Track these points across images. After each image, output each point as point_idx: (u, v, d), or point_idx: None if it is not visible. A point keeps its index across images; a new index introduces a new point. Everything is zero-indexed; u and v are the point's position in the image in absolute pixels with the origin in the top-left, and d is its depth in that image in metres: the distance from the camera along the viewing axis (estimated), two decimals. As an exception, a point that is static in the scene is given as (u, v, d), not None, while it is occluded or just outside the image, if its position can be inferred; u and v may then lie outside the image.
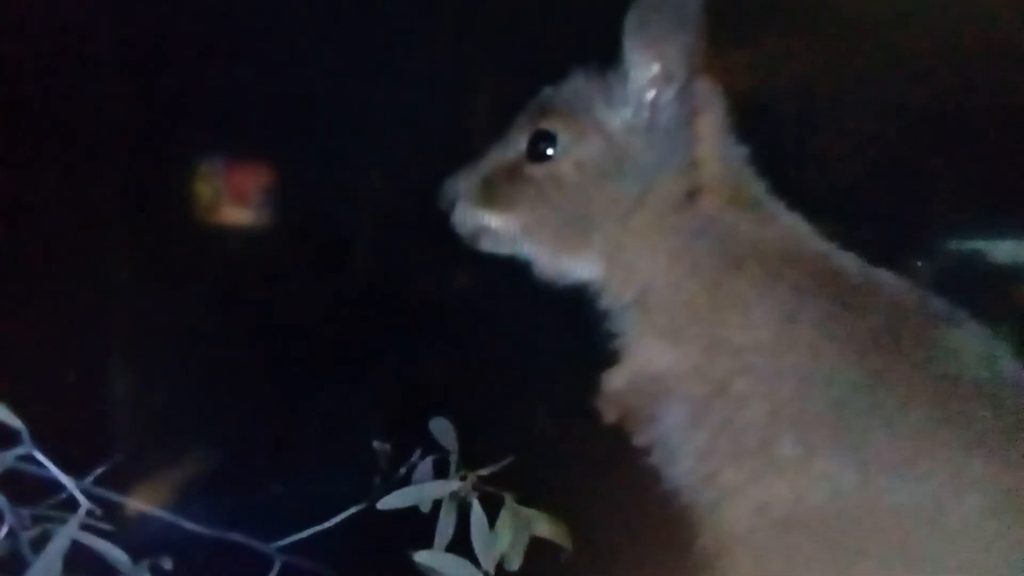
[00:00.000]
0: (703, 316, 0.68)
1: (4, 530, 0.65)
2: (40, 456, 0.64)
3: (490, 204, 0.73)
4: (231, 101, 0.92)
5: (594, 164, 0.71)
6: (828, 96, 0.89)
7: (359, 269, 0.96)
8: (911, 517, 0.61)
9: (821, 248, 0.69)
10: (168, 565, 0.70)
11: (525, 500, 0.70)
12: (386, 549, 0.70)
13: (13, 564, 0.65)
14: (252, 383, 0.91)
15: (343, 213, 0.95)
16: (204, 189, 0.97)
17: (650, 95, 0.70)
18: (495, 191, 0.73)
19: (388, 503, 0.69)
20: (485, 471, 0.70)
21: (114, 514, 0.68)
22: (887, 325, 0.65)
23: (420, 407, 0.74)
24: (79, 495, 0.65)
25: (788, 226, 0.70)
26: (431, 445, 0.72)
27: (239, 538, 0.72)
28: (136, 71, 0.92)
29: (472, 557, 0.68)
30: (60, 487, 0.65)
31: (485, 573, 0.68)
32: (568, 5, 0.86)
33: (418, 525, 0.70)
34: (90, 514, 0.65)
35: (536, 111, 0.73)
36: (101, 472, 0.69)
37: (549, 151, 0.72)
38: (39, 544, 0.64)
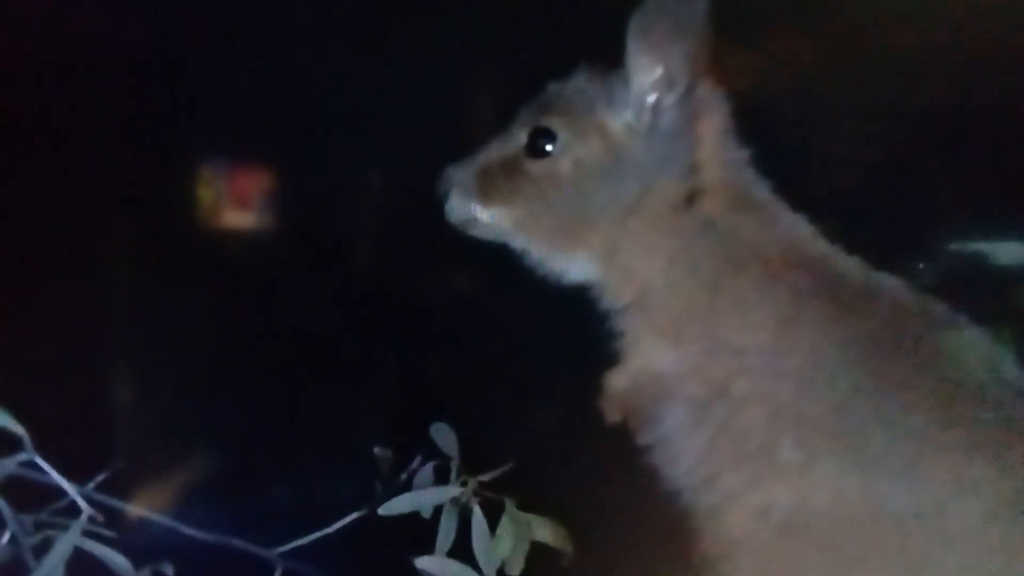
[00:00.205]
0: (703, 317, 0.68)
1: (6, 536, 0.66)
2: (42, 462, 0.64)
3: (486, 197, 0.73)
4: (232, 104, 0.92)
5: (592, 164, 0.71)
6: (829, 98, 0.89)
7: (360, 274, 0.96)
8: (912, 521, 0.61)
9: (823, 250, 0.69)
10: (170, 571, 0.70)
11: (526, 505, 0.70)
12: (387, 555, 0.70)
13: (15, 570, 0.65)
14: (253, 388, 0.90)
15: (344, 217, 0.95)
16: (206, 193, 0.97)
17: (652, 98, 0.69)
18: (492, 184, 0.73)
19: (389, 509, 0.69)
20: (486, 476, 0.70)
21: (116, 520, 0.68)
22: (888, 328, 0.65)
23: (421, 412, 0.74)
24: (81, 501, 0.65)
25: (790, 228, 0.70)
26: (432, 451, 0.72)
27: (240, 544, 0.73)
28: (137, 74, 0.92)
29: (473, 563, 0.68)
30: (62, 493, 0.66)
31: (486, 578, 0.68)
32: (570, 6, 0.86)
33: (419, 531, 0.70)
34: (92, 520, 0.65)
35: (538, 107, 0.73)
36: (103, 478, 0.69)
37: (548, 148, 0.71)
38: (41, 550, 0.65)
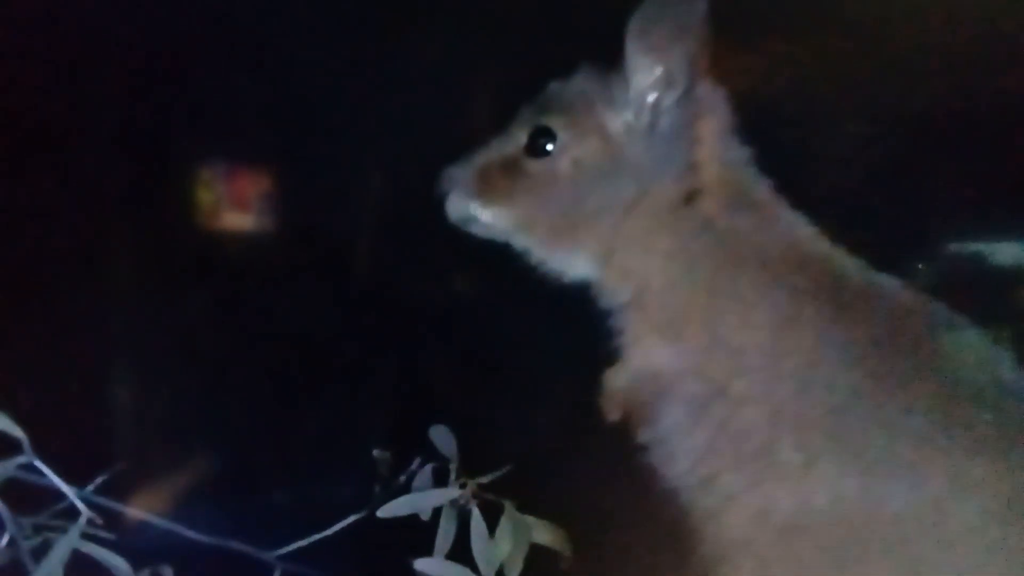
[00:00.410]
0: (701, 316, 0.68)
1: (5, 539, 0.66)
2: (41, 465, 0.65)
3: (485, 196, 0.73)
4: (232, 106, 0.92)
5: (592, 164, 0.71)
6: (829, 98, 0.89)
7: (359, 276, 0.96)
8: (912, 523, 0.61)
9: (823, 251, 0.69)
10: (169, 573, 0.70)
11: (525, 508, 0.69)
12: (386, 557, 0.70)
13: (14, 573, 0.65)
14: (252, 391, 0.90)
15: (343, 220, 0.95)
16: (205, 195, 0.97)
17: (651, 98, 0.69)
18: (491, 183, 0.73)
19: (388, 511, 0.69)
20: (485, 479, 0.70)
21: (115, 523, 0.68)
22: (887, 330, 0.65)
23: (420, 414, 0.74)
24: (80, 504, 0.65)
25: (790, 228, 0.70)
26: (431, 453, 0.72)
27: (239, 546, 0.73)
28: (136, 76, 0.92)
29: (472, 565, 0.68)
30: (61, 496, 0.66)
31: (485, 581, 0.68)
32: (570, 6, 0.86)
33: (418, 533, 0.70)
34: (91, 523, 0.65)
35: (538, 107, 0.73)
36: (102, 481, 0.69)
37: (548, 147, 0.72)
38: (40, 553, 0.65)
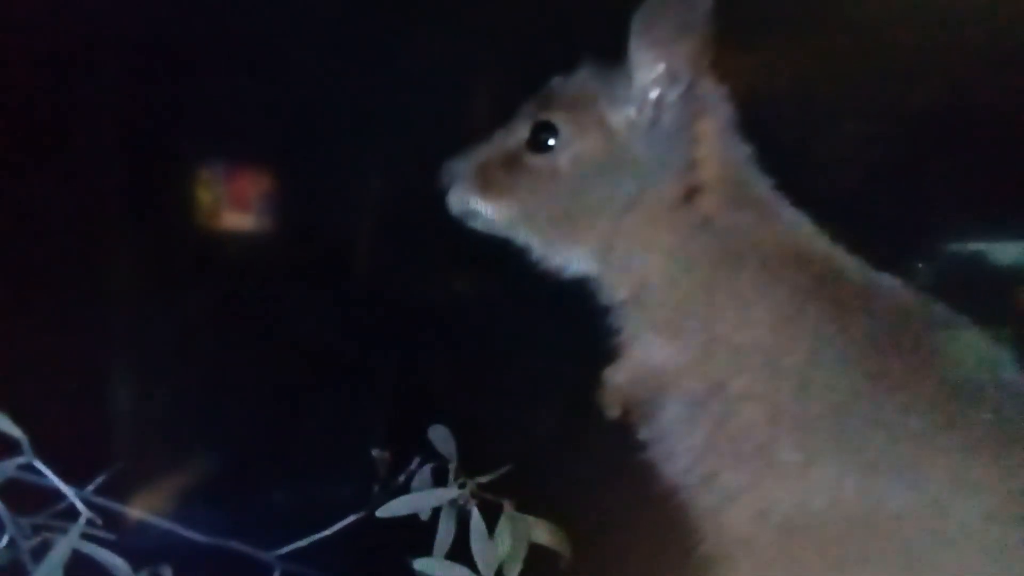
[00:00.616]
0: (700, 313, 0.67)
1: (5, 539, 0.66)
2: (41, 466, 0.65)
3: (486, 190, 0.73)
4: (232, 106, 0.93)
5: (593, 159, 0.71)
6: (829, 98, 0.89)
7: (358, 276, 0.96)
8: (912, 522, 0.61)
9: (823, 249, 0.68)
10: (168, 574, 0.70)
11: (524, 507, 0.70)
12: (385, 557, 0.70)
13: (14, 573, 0.66)
14: (251, 391, 0.91)
15: (342, 221, 0.95)
16: (204, 195, 0.97)
17: (654, 95, 0.69)
18: (493, 177, 0.73)
19: (387, 511, 0.70)
20: (484, 478, 0.70)
21: (114, 523, 0.68)
22: (887, 329, 0.65)
23: (419, 415, 0.74)
24: (79, 504, 0.65)
25: (790, 226, 0.69)
26: (430, 453, 0.72)
27: (239, 546, 0.73)
28: (136, 77, 0.92)
29: (471, 565, 0.68)
30: (61, 496, 0.66)
31: (484, 581, 0.68)
32: (575, 2, 0.86)
33: (417, 533, 0.70)
34: (90, 523, 0.65)
35: (541, 102, 0.73)
36: (101, 481, 0.70)
37: (550, 142, 0.71)
38: (40, 553, 0.65)
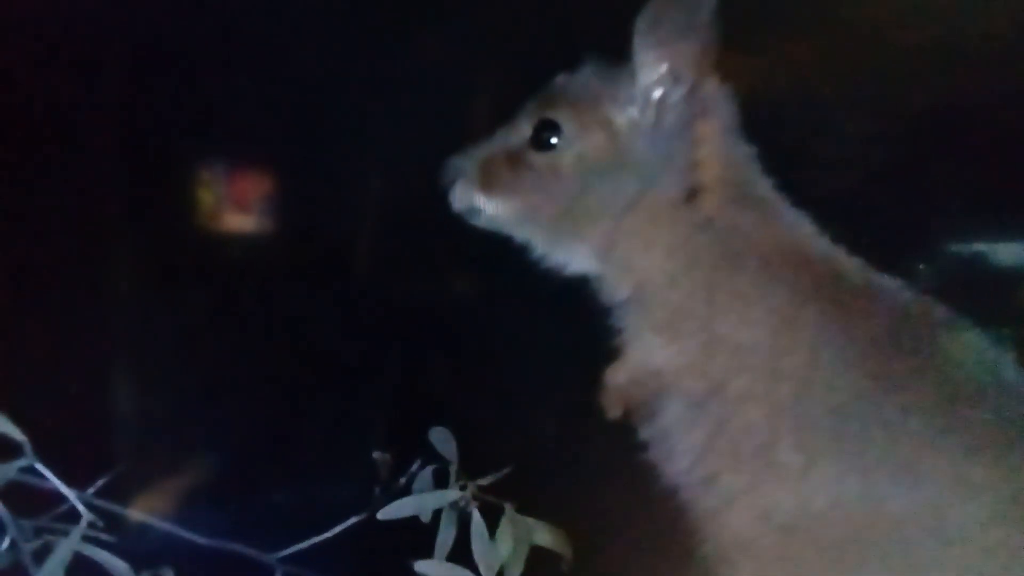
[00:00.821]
0: (700, 313, 0.67)
1: (6, 542, 0.66)
2: (42, 468, 0.65)
3: (488, 187, 0.73)
4: (233, 107, 0.93)
5: (595, 158, 0.70)
6: (830, 99, 0.89)
7: (359, 278, 0.96)
8: (913, 524, 0.61)
9: (824, 250, 0.68)
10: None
11: (525, 509, 0.70)
12: (386, 559, 0.70)
13: (15, 576, 0.66)
14: (252, 393, 0.91)
15: (343, 222, 0.95)
16: (206, 196, 0.97)
17: (657, 94, 0.69)
18: (495, 175, 0.73)
19: (388, 513, 0.70)
20: (485, 480, 0.70)
21: (116, 525, 0.68)
22: (888, 330, 0.65)
23: (420, 417, 0.74)
24: (81, 507, 0.65)
25: (791, 227, 0.69)
26: (431, 455, 0.72)
27: (240, 548, 0.73)
28: (137, 78, 0.92)
29: (473, 567, 0.68)
30: (62, 499, 0.66)
31: (485, 583, 0.68)
32: (576, 6, 0.86)
33: (418, 535, 0.70)
34: (92, 525, 0.65)
35: (544, 100, 0.73)
36: (103, 484, 0.70)
37: (553, 140, 0.71)
38: (41, 556, 0.65)
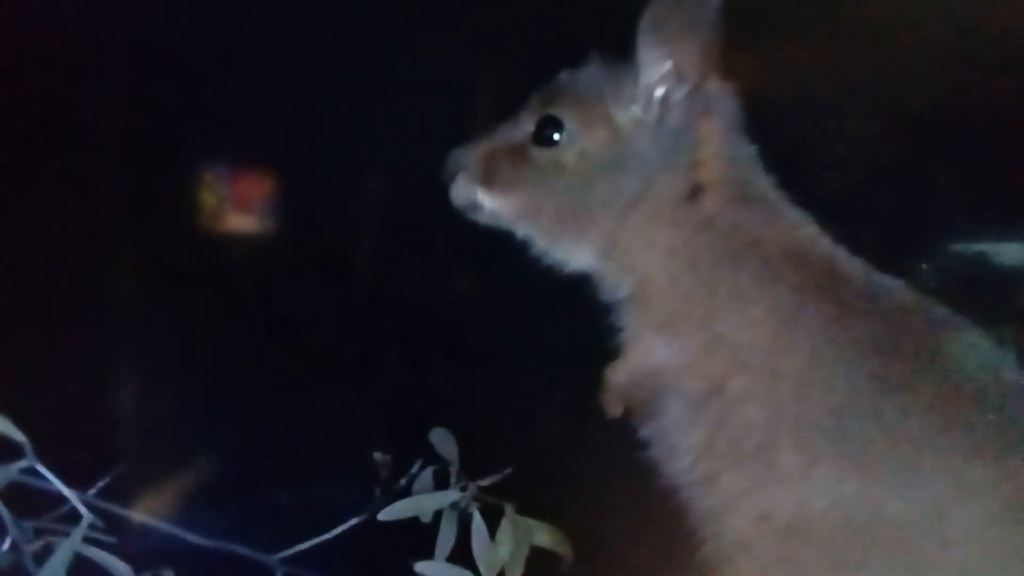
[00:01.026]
0: (701, 311, 0.67)
1: (7, 543, 0.66)
2: (43, 469, 0.65)
3: (490, 182, 0.73)
4: (235, 108, 0.93)
5: (598, 155, 0.70)
6: (831, 99, 0.88)
7: (359, 279, 0.96)
8: (913, 525, 0.61)
9: (825, 250, 0.68)
10: (170, 577, 0.70)
11: (525, 510, 0.70)
12: (387, 560, 0.70)
13: (16, 577, 0.66)
14: (253, 394, 0.91)
15: (344, 223, 0.95)
16: (208, 197, 0.97)
17: (660, 92, 0.69)
18: (497, 170, 0.73)
19: (389, 514, 0.70)
20: (485, 481, 0.70)
21: (117, 526, 0.68)
22: (888, 330, 0.65)
23: (420, 418, 0.74)
24: (82, 508, 0.65)
25: (792, 226, 0.69)
26: (431, 456, 0.72)
27: (241, 550, 0.73)
28: (139, 79, 0.92)
29: (473, 567, 0.68)
30: (63, 500, 0.66)
31: (486, 583, 0.68)
32: (578, 5, 0.86)
33: (419, 536, 0.70)
34: (93, 527, 0.65)
35: (547, 96, 0.73)
36: (103, 485, 0.70)
37: (555, 137, 0.71)
38: (42, 557, 0.65)
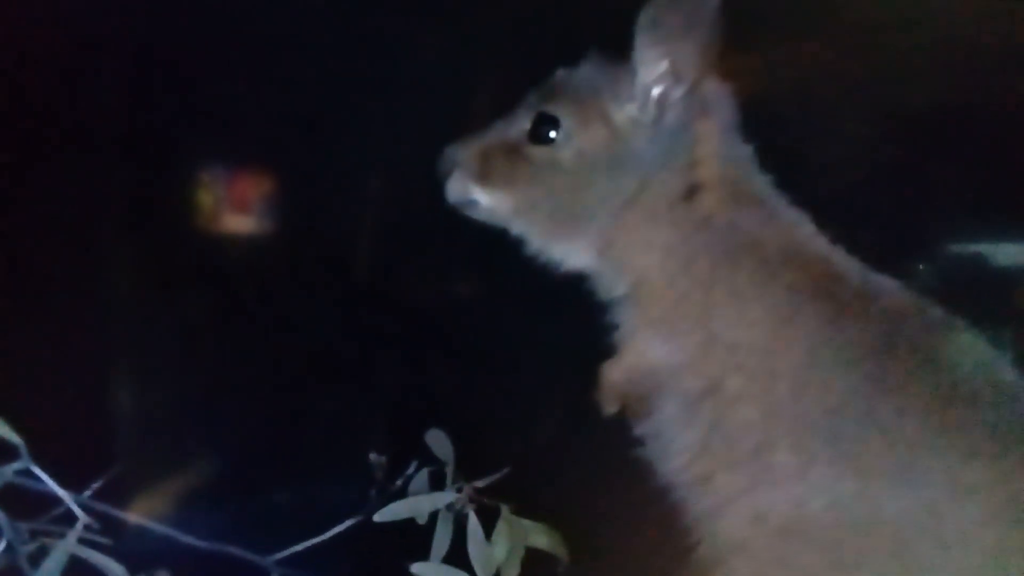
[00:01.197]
0: (697, 311, 0.67)
1: (2, 544, 0.66)
2: (38, 471, 0.65)
3: (486, 179, 0.73)
4: (233, 109, 0.93)
5: (594, 154, 0.70)
6: (830, 99, 0.88)
7: (356, 280, 0.96)
8: (909, 526, 0.61)
9: (823, 250, 0.68)
10: (165, 578, 0.70)
11: (521, 511, 0.70)
12: (383, 561, 0.70)
13: (12, 578, 0.66)
14: (248, 396, 0.91)
15: (342, 225, 0.95)
16: (205, 198, 0.97)
17: (657, 92, 0.69)
18: (492, 167, 0.73)
19: (384, 515, 0.70)
20: (481, 482, 0.70)
21: (112, 528, 0.68)
22: (885, 331, 0.65)
23: (416, 419, 0.74)
24: (77, 509, 0.65)
25: (790, 226, 0.69)
26: (427, 457, 0.72)
27: (236, 551, 0.73)
28: (138, 79, 0.92)
29: (469, 568, 0.68)
30: (58, 501, 0.66)
31: (481, 584, 0.68)
32: (576, 5, 0.86)
33: (414, 537, 0.70)
34: (88, 528, 0.65)
35: (544, 94, 0.73)
36: (99, 486, 0.69)
37: (552, 134, 0.71)
38: (37, 558, 0.65)
